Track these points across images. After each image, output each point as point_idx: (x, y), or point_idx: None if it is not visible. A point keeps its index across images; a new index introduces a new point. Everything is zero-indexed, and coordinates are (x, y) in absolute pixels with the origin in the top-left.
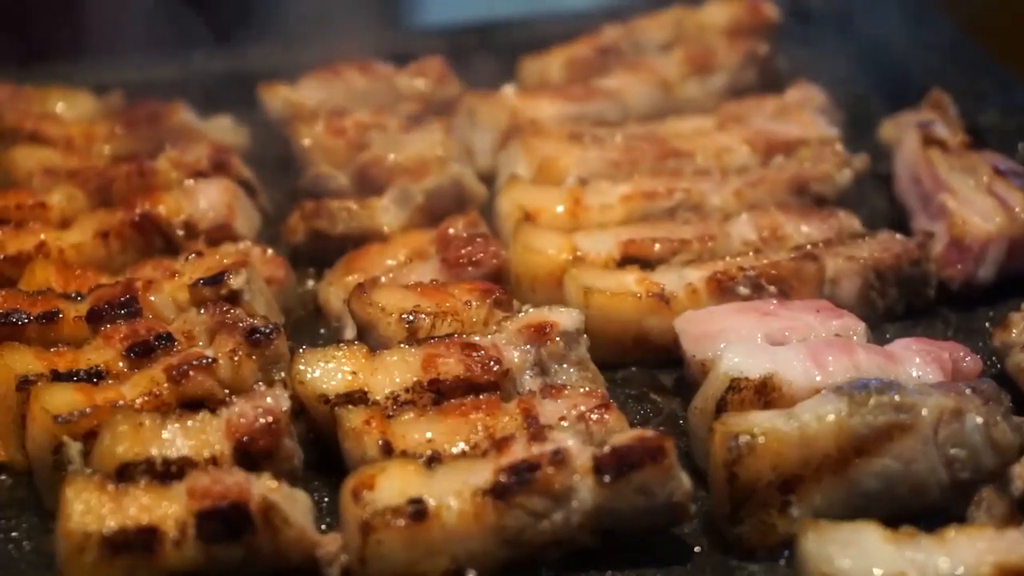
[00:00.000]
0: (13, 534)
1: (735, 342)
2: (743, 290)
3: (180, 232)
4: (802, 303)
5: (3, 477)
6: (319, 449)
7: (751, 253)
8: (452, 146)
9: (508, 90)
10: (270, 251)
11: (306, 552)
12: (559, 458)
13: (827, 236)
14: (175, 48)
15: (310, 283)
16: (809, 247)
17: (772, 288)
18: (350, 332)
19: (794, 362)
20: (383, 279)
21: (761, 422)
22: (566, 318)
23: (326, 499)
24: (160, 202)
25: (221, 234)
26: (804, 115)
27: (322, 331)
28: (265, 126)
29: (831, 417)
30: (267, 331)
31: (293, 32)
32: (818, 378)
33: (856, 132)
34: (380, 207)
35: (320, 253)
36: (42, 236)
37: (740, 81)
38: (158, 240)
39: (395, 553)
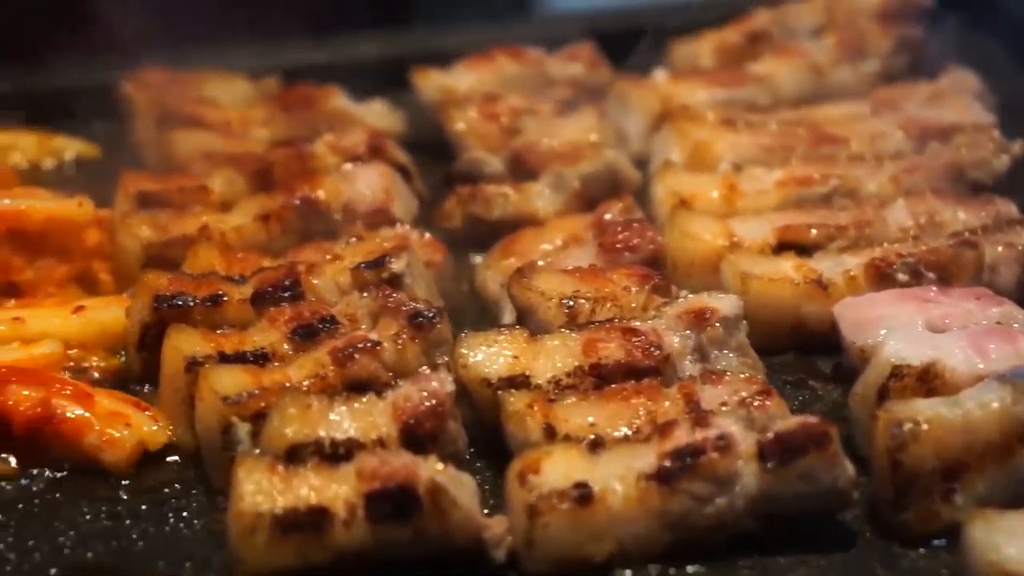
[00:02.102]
0: (184, 513)
1: (896, 329)
2: (901, 277)
3: (338, 216)
4: (962, 290)
5: (172, 456)
6: (479, 432)
7: (909, 239)
8: (606, 131)
9: (659, 75)
10: (427, 235)
11: (473, 534)
12: (723, 444)
13: (984, 223)
14: (327, 32)
15: (465, 267)
16: (967, 234)
17: (931, 275)
18: (508, 316)
19: (956, 349)
20: (541, 264)
21: (924, 409)
22: (726, 304)
23: (487, 483)
24: (319, 186)
25: (379, 218)
26: (959, 101)
27: (479, 315)
28: (416, 110)
29: (995, 405)
30: (430, 315)
31: (438, 16)
32: (980, 366)
33: (1010, 118)
34: (535, 192)
35: (475, 237)
36: (204, 219)
37: (892, 66)
38: (317, 224)
39: (560, 536)
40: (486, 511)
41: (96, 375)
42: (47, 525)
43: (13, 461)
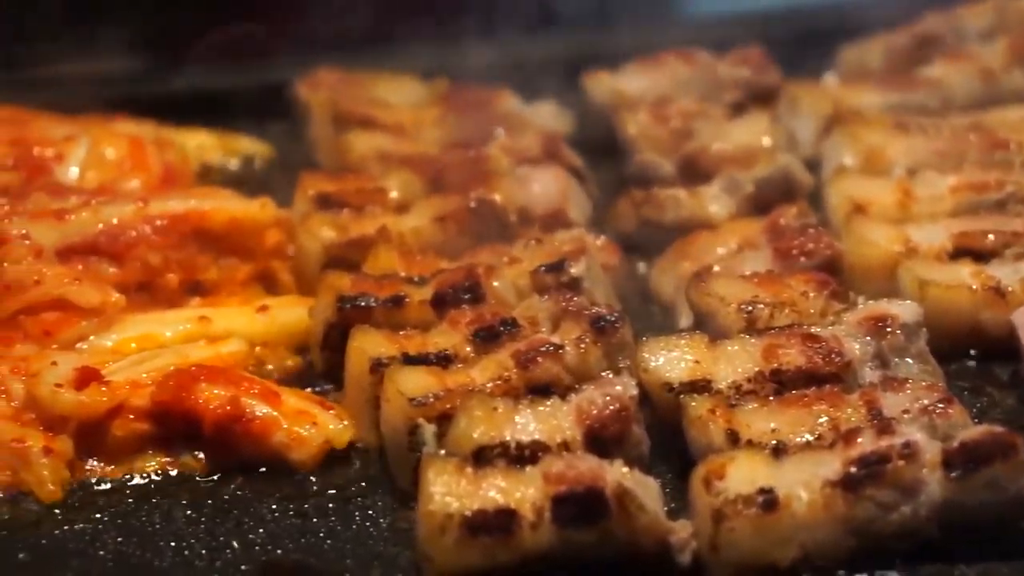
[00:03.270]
0: (370, 511)
1: None
2: None
3: (514, 218)
4: None
5: (355, 455)
6: (658, 436)
7: None
8: (779, 135)
9: (829, 78)
10: (603, 238)
11: (658, 538)
12: (908, 452)
13: None
14: (494, 33)
15: (637, 270)
16: None
17: None
18: (684, 320)
19: None
20: (716, 268)
21: None
22: (906, 311)
23: (667, 486)
24: (495, 188)
25: (555, 221)
26: None
27: (650, 318)
28: (583, 111)
29: None
30: (612, 319)
31: (603, 18)
32: None
33: None
34: (708, 196)
35: (647, 240)
36: (383, 220)
37: None
38: (493, 226)
39: (746, 541)
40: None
41: (278, 374)
42: (237, 522)
43: (202, 458)
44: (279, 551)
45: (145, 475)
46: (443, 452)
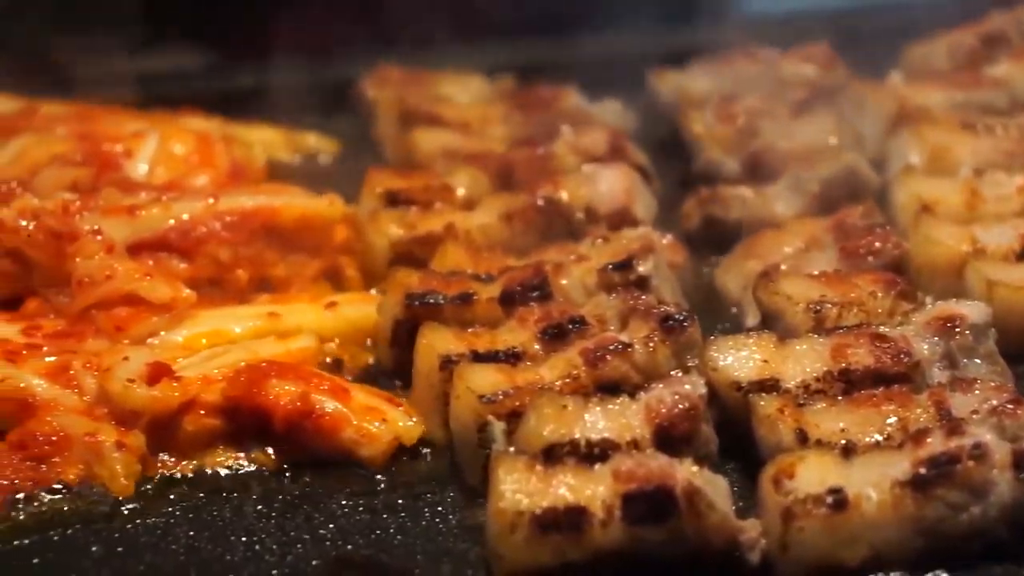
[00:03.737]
0: (439, 508)
1: None
2: None
3: (580, 216)
4: None
5: (425, 451)
6: (725, 434)
7: None
8: (845, 134)
9: (895, 77)
10: (669, 236)
11: (728, 537)
12: (978, 453)
13: None
14: (559, 31)
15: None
16: None
17: None
18: (751, 319)
19: None
20: (782, 267)
21: None
22: (975, 311)
23: (734, 484)
24: (562, 186)
25: (621, 219)
26: None
27: (715, 316)
28: (646, 109)
29: None
30: (681, 318)
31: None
32: None
33: None
34: (774, 194)
35: (711, 238)
36: (450, 217)
37: None
38: (559, 223)
39: (815, 540)
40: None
41: (345, 370)
42: (307, 517)
43: (272, 453)
44: (349, 546)
45: (216, 470)
46: (512, 449)
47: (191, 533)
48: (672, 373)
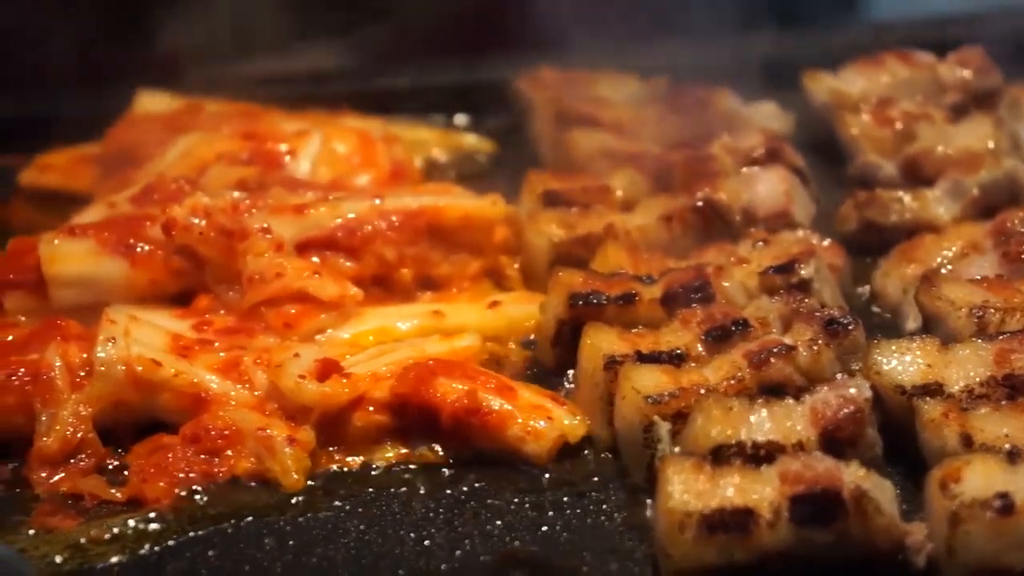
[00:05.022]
0: (604, 506)
1: None
2: None
3: (738, 218)
4: None
5: (588, 450)
6: (888, 438)
7: None
8: (1003, 138)
9: None
10: (828, 239)
11: (894, 540)
12: None
13: None
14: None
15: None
16: None
17: None
18: (911, 323)
19: None
20: (942, 271)
21: None
22: None
23: (897, 487)
24: (720, 188)
25: (779, 222)
26: None
27: (873, 318)
28: (802, 111)
29: None
30: (845, 322)
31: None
32: None
33: None
34: (932, 198)
35: (869, 241)
36: (610, 218)
37: None
38: (717, 225)
39: (982, 544)
40: None
41: (507, 369)
42: (475, 514)
43: (438, 449)
44: (517, 542)
45: (384, 466)
46: (677, 449)
47: (361, 527)
48: (837, 376)
